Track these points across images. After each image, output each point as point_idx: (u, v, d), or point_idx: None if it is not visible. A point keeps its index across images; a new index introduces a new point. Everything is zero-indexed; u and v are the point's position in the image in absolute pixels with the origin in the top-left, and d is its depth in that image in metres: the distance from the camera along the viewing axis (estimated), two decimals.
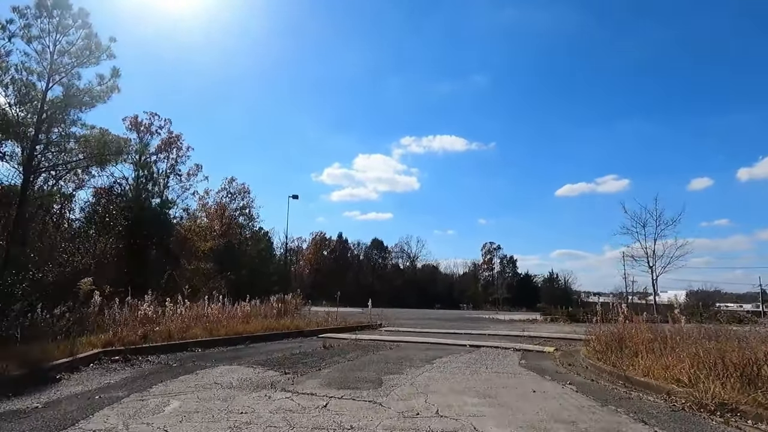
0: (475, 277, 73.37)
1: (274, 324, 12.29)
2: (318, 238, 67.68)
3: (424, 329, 15.19)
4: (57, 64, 17.51)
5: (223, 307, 13.74)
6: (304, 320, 14.97)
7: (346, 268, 67.21)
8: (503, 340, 11.60)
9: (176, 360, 7.88)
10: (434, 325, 17.89)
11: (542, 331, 14.80)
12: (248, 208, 43.11)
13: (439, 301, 61.11)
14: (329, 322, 15.07)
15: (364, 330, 14.66)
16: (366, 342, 10.88)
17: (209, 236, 32.06)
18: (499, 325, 17.54)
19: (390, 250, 71.63)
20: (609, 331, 8.60)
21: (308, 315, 25.52)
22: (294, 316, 22.45)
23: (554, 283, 74.89)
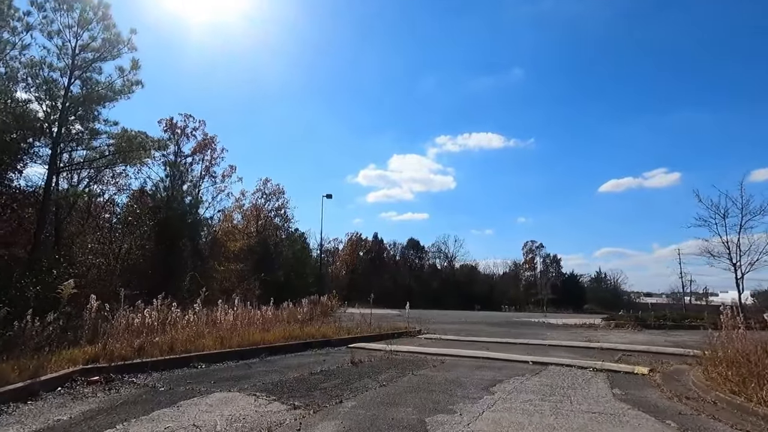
0: (516, 278, 69.76)
1: (297, 332, 10.59)
2: (354, 238, 66.41)
3: (469, 337, 13.08)
4: (79, 60, 16.70)
5: (244, 311, 12.24)
6: (334, 326, 13.22)
7: (383, 268, 65.53)
8: (572, 354, 9.35)
9: (168, 381, 6.27)
10: (480, 331, 15.71)
11: (612, 340, 12.34)
12: (283, 209, 42.25)
13: (478, 302, 58.15)
14: (362, 328, 13.27)
15: (402, 338, 12.75)
16: (403, 355, 8.96)
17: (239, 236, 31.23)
18: (556, 332, 15.13)
19: (427, 250, 69.35)
20: (742, 347, 6.22)
21: (342, 318, 23.91)
22: (325, 320, 20.90)
23: (602, 283, 70.11)
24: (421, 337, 12.94)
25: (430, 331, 14.35)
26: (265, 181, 40.68)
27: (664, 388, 6.07)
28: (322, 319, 22.62)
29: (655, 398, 5.55)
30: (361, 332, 12.45)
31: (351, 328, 13.29)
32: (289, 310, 17.57)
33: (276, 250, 41.75)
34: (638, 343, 11.72)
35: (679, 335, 14.06)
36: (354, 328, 13.29)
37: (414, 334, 13.42)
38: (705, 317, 19.02)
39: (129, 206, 19.38)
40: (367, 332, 12.56)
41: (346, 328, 13.03)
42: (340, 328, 13.20)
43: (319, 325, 12.75)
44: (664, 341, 12.32)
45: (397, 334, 13.05)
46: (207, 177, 33.93)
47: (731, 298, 72.13)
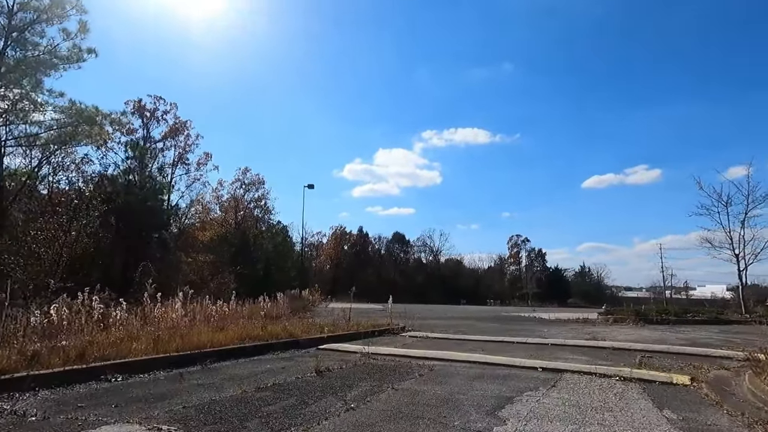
0: (501, 272, 68.91)
1: (258, 331, 8.80)
2: (338, 232, 64.53)
3: (459, 335, 11.49)
4: (17, 20, 14.49)
5: (201, 307, 10.41)
6: (307, 323, 11.49)
7: (367, 262, 63.85)
8: (584, 356, 7.79)
9: (54, 404, 4.46)
10: (470, 328, 14.15)
11: (619, 338, 10.88)
12: (264, 200, 40.07)
13: (464, 296, 56.98)
14: (338, 325, 11.55)
15: (383, 336, 11.08)
16: (383, 360, 7.28)
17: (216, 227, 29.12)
18: (553, 328, 13.65)
19: (412, 244, 67.95)
20: None
21: (322, 313, 22.18)
22: (303, 315, 19.11)
23: (585, 277, 69.71)
24: (405, 335, 11.29)
25: (415, 328, 12.72)
26: (244, 171, 38.48)
27: (727, 408, 4.50)
28: (300, 313, 20.84)
29: (726, 425, 3.97)
30: (336, 330, 10.72)
31: (326, 325, 11.56)
32: (255, 305, 15.76)
33: (255, 243, 39.62)
34: (650, 341, 10.27)
35: (687, 331, 12.72)
36: (330, 325, 11.56)
37: (397, 331, 11.76)
38: (704, 311, 17.84)
39: (77, 191, 17.24)
40: (343, 330, 10.85)
41: (321, 326, 11.29)
42: (313, 325, 11.47)
43: (287, 323, 10.98)
44: (676, 338, 10.92)
45: (377, 332, 11.37)
46: (180, 164, 31.83)
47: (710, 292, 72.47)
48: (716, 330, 13.10)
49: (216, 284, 25.92)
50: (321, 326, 11.28)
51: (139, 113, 28.11)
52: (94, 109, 14.84)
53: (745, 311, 17.58)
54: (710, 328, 13.64)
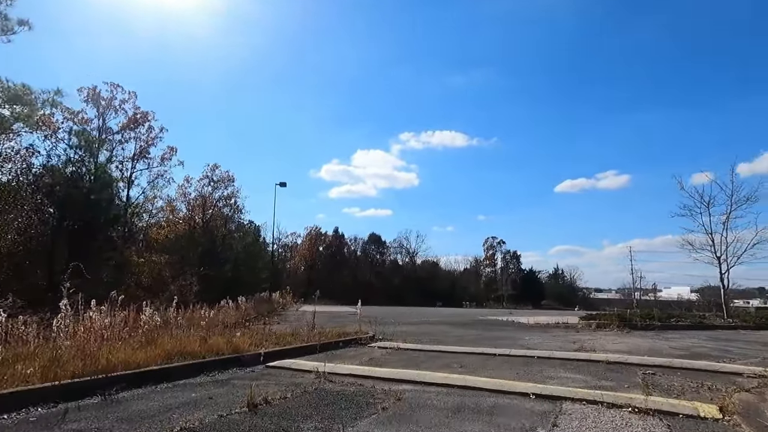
0: (477, 274, 68.47)
1: (193, 346, 7.24)
2: (313, 233, 62.68)
3: (434, 345, 10.20)
4: None
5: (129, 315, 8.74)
6: (260, 334, 9.95)
7: (343, 264, 62.23)
8: (578, 374, 6.60)
9: None
10: (446, 335, 12.90)
11: (609, 347, 9.82)
12: (234, 198, 37.87)
13: (440, 298, 56.11)
14: (300, 333, 10.08)
15: (348, 347, 9.67)
16: (341, 383, 5.88)
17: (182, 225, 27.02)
18: (536, 336, 12.54)
19: (388, 245, 66.71)
20: None
21: (289, 318, 20.58)
22: (268, 320, 17.49)
23: (559, 279, 70.05)
24: (374, 345, 9.91)
25: (387, 337, 11.36)
26: (213, 167, 36.28)
27: None
28: (266, 318, 19.16)
29: None
30: (294, 341, 9.26)
31: (285, 334, 10.08)
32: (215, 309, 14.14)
33: (224, 243, 37.50)
34: (643, 351, 9.23)
35: (675, 338, 11.82)
36: (289, 334, 10.08)
37: (365, 341, 10.36)
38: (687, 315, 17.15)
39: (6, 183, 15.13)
40: (303, 341, 9.39)
41: (279, 335, 9.80)
42: (270, 335, 9.96)
43: (239, 333, 9.42)
44: (670, 348, 9.93)
45: (342, 342, 9.95)
46: (141, 158, 29.59)
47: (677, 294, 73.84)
48: (705, 337, 12.27)
49: (177, 287, 23.96)
50: (279, 336, 9.80)
51: (94, 101, 25.84)
52: (23, 86, 12.92)
53: (726, 315, 17.03)
54: (698, 335, 12.83)
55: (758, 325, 15.60)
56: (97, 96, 25.77)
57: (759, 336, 13.19)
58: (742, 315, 18.43)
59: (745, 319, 16.55)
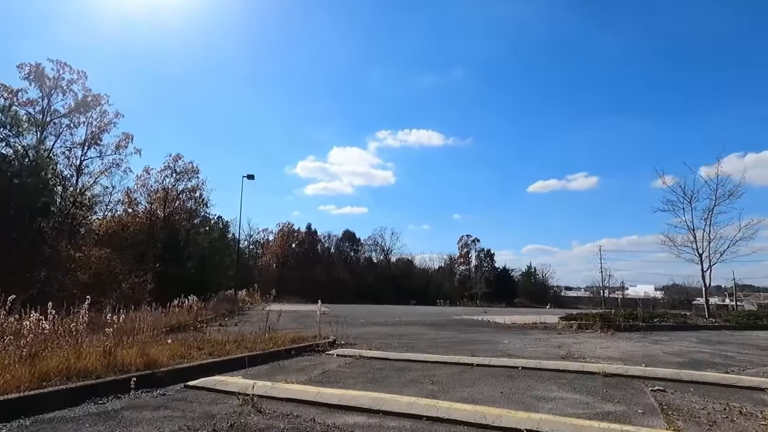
0: (451, 272, 67.73)
1: (91, 361, 5.54)
2: (285, 229, 60.40)
3: (403, 351, 8.78)
4: None
5: None
6: (196, 340, 8.27)
7: (316, 261, 60.24)
8: (574, 393, 5.26)
9: None
10: (419, 338, 11.49)
11: (600, 353, 8.63)
12: (198, 191, 35.42)
13: (414, 296, 54.93)
14: (244, 340, 8.45)
15: (302, 355, 8.12)
16: (271, 415, 4.31)
17: (125, 215, 24.68)
18: (515, 339, 11.29)
19: (363, 242, 65.07)
20: None
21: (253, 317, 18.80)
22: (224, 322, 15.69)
23: (531, 277, 70.13)
24: (333, 353, 8.38)
25: (350, 341, 9.87)
26: (175, 158, 33.78)
27: None
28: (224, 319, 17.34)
29: None
30: (234, 350, 7.63)
31: (226, 341, 8.42)
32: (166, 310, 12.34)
33: (188, 238, 35.11)
34: (638, 358, 8.07)
35: (666, 341, 10.81)
36: (233, 341, 8.42)
37: (323, 348, 8.82)
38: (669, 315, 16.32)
39: None
40: (249, 348, 7.77)
41: (217, 343, 8.13)
42: (209, 341, 8.29)
43: (164, 341, 7.71)
44: (664, 353, 8.82)
45: (295, 350, 8.38)
46: (93, 145, 27.07)
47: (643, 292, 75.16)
48: (695, 339, 11.33)
49: (129, 286, 21.73)
50: (218, 343, 8.13)
51: (37, 80, 23.24)
52: None
53: (708, 315, 16.32)
54: (687, 337, 11.90)
55: (741, 324, 14.96)
56: (41, 74, 23.17)
57: (747, 337, 12.39)
58: (723, 315, 17.84)
59: (727, 319, 15.90)
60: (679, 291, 66.37)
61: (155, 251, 31.17)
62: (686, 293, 64.69)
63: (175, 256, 31.72)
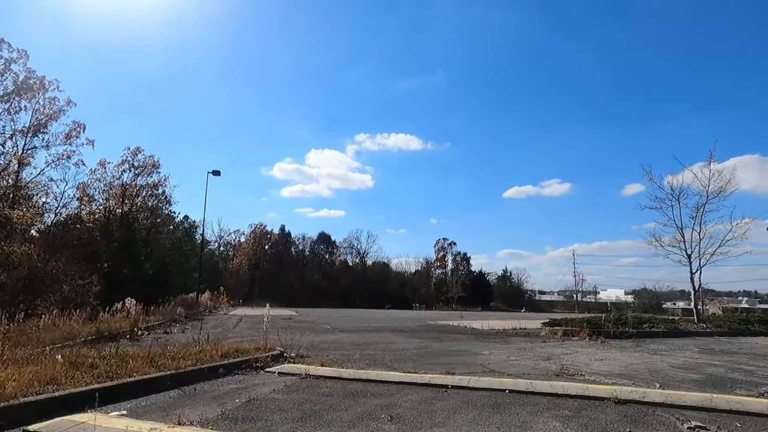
0: (427, 276, 66.37)
1: None
2: (258, 231, 57.79)
3: (364, 367, 7.09)
4: None
5: None
6: (97, 358, 6.36)
7: (290, 264, 57.83)
8: None
9: None
10: (386, 348, 9.80)
11: (595, 367, 7.15)
12: (160, 187, 32.74)
13: (390, 300, 53.24)
14: (163, 355, 6.60)
15: (232, 374, 6.31)
16: None
17: (59, 205, 22.20)
18: (498, 350, 9.74)
19: (338, 245, 62.98)
20: None
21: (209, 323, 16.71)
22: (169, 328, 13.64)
23: (507, 281, 69.54)
24: (275, 370, 6.60)
25: (302, 354, 8.10)
26: (134, 152, 31.08)
27: None
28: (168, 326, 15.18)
29: None
30: (144, 368, 5.77)
31: (139, 354, 6.52)
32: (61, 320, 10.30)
33: (148, 237, 32.46)
34: (646, 375, 6.62)
35: (665, 351, 9.47)
36: (144, 356, 6.53)
37: (263, 363, 7.01)
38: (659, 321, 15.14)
39: None
40: (156, 368, 5.91)
41: (120, 358, 6.24)
42: (116, 356, 6.38)
43: (54, 357, 5.79)
44: (671, 367, 7.43)
45: (225, 367, 6.55)
46: (39, 133, 24.34)
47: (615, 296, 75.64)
48: (695, 349, 10.06)
49: (71, 288, 19.25)
50: (131, 358, 6.24)
51: None
52: None
53: (698, 320, 15.27)
54: (685, 345, 10.64)
55: (734, 330, 13.96)
56: None
57: (748, 345, 11.24)
58: (713, 319, 16.85)
59: (718, 324, 14.90)
60: (650, 295, 67.00)
61: (110, 251, 28.53)
62: (656, 297, 65.35)
63: (132, 257, 29.13)
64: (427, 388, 5.55)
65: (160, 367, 5.95)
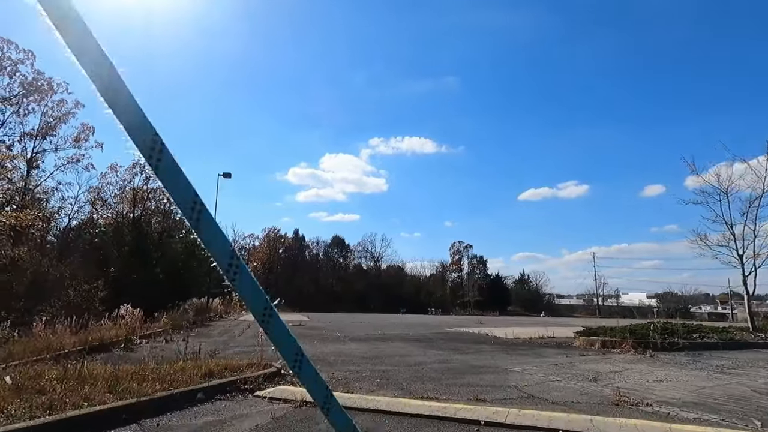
0: (443, 279, 64.69)
1: None
2: (271, 235, 57.14)
3: (373, 396, 5.81)
4: None
5: None
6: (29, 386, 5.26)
7: (304, 268, 56.97)
8: None
9: None
10: (400, 363, 8.49)
11: (660, 393, 5.72)
12: None
13: (405, 304, 51.79)
14: (141, 370, 5.48)
15: (211, 401, 5.11)
16: None
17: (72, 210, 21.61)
18: (524, 361, 8.33)
19: (352, 249, 61.87)
20: None
21: (215, 329, 15.71)
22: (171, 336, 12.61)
23: (525, 285, 67.33)
24: (264, 396, 5.39)
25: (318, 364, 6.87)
26: None
27: None
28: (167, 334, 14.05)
29: None
30: (96, 395, 4.62)
31: (105, 375, 5.40)
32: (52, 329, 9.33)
33: (160, 242, 31.93)
34: (725, 404, 5.17)
35: (732, 368, 7.90)
36: (108, 376, 5.41)
37: (252, 385, 5.80)
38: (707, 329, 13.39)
39: None
40: (115, 395, 4.77)
41: (82, 380, 5.12)
42: (70, 377, 5.27)
43: None
44: (754, 391, 5.90)
45: (206, 390, 5.36)
46: (47, 136, 23.96)
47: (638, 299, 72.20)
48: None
49: (77, 294, 18.53)
50: (83, 379, 5.13)
51: None
52: None
53: (753, 328, 13.49)
54: (752, 360, 9.03)
55: None
56: None
57: None
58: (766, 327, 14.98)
59: None
60: (675, 299, 63.88)
61: (121, 255, 27.99)
62: (683, 301, 62.14)
63: (144, 261, 28.53)
64: (453, 424, 4.26)
65: (122, 392, 4.80)
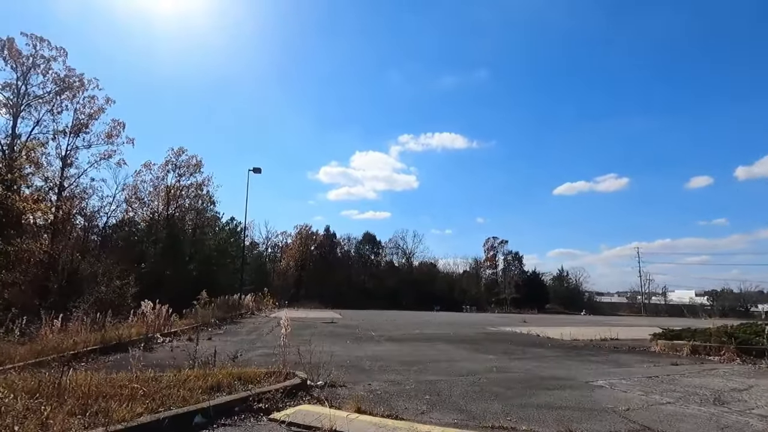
0: (477, 276, 62.27)
1: None
2: (303, 232, 56.66)
3: (428, 415, 4.35)
4: None
5: None
6: None
7: (335, 265, 56.19)
8: None
9: None
10: (449, 371, 6.98)
11: None
12: (204, 188, 31.90)
13: (438, 301, 49.94)
14: (135, 380, 4.31)
15: (217, 426, 3.83)
16: None
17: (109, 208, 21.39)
18: (608, 372, 6.64)
19: (384, 245, 60.50)
20: None
21: (245, 326, 14.76)
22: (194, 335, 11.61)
23: (563, 282, 63.83)
24: (282, 420, 4.05)
25: (335, 377, 5.53)
26: (178, 152, 30.42)
27: None
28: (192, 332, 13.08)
29: None
30: (75, 417, 3.42)
31: (82, 388, 4.22)
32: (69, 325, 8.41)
33: (193, 239, 31.74)
34: None
35: None
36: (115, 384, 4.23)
37: (270, 404, 4.47)
38: None
39: None
40: (106, 413, 3.56)
41: (51, 395, 3.95)
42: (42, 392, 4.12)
43: None
44: None
45: (207, 412, 4.09)
46: (80, 133, 23.89)
47: (689, 297, 66.63)
48: None
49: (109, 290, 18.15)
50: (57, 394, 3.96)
51: (12, 58, 20.18)
52: None
53: None
54: None
55: None
56: (14, 51, 20.11)
57: None
58: None
59: None
60: (731, 297, 58.56)
61: (155, 251, 27.93)
62: (742, 300, 56.79)
63: (177, 258, 28.35)
64: None
65: (94, 416, 3.58)
